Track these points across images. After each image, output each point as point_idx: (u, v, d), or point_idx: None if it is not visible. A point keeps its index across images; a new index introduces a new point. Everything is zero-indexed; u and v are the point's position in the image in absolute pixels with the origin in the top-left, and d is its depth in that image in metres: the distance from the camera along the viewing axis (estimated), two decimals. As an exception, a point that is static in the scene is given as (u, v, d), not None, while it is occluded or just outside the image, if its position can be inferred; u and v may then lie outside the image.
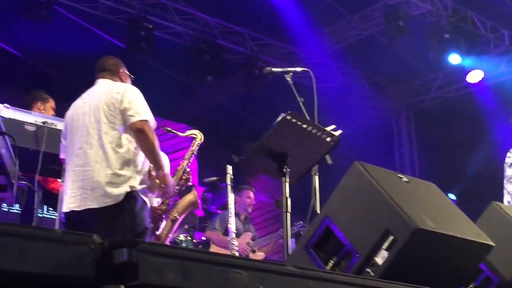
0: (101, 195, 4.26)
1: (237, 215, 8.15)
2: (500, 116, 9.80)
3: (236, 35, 10.98)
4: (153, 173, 4.51)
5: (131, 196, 4.29)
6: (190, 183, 5.33)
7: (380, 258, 2.89)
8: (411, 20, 10.26)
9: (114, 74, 4.79)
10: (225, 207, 8.79)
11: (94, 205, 4.27)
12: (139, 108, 4.42)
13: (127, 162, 4.34)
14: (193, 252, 2.05)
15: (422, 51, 11.00)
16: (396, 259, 2.85)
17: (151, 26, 9.59)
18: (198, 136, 5.32)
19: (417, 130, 13.46)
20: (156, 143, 4.41)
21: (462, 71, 11.38)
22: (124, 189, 4.27)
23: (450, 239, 3.00)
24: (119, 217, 4.27)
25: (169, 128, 5.50)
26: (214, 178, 7.51)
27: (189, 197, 5.43)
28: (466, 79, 11.44)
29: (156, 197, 4.83)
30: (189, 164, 5.22)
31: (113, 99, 4.44)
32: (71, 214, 4.37)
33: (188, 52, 10.32)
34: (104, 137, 4.39)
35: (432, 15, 10.41)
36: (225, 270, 1.86)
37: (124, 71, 4.87)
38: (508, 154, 6.13)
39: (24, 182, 5.11)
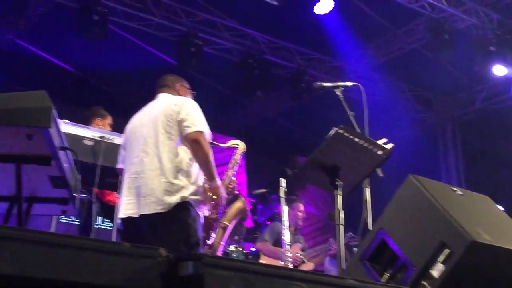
0: (153, 201, 4.37)
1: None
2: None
3: (283, 50, 11.12)
4: (206, 184, 4.59)
5: (183, 206, 4.37)
6: (236, 192, 5.41)
7: (436, 271, 2.93)
8: (456, 33, 10.24)
9: (172, 89, 4.96)
10: (273, 218, 8.92)
11: (146, 211, 4.40)
12: (196, 120, 4.54)
13: (181, 172, 4.43)
14: (256, 265, 2.12)
15: (467, 64, 10.97)
16: (452, 272, 2.89)
17: (200, 43, 9.79)
18: (240, 145, 5.35)
19: (463, 143, 13.36)
20: (210, 154, 4.51)
21: (508, 83, 11.29)
22: (176, 198, 4.36)
23: (506, 252, 3.03)
24: (170, 226, 4.35)
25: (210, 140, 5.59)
26: (263, 190, 7.63)
27: (238, 205, 5.50)
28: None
29: (208, 209, 4.92)
30: (234, 173, 5.28)
31: (171, 110, 4.59)
32: (127, 220, 4.53)
33: (237, 67, 10.48)
34: (161, 146, 4.51)
35: (477, 28, 10.39)
36: (287, 283, 1.92)
37: (182, 85, 5.04)
38: None
39: (85, 195, 5.28)
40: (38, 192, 3.79)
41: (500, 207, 10.36)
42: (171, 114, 4.57)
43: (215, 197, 4.65)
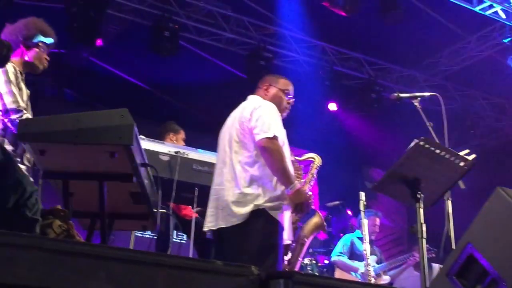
0: (228, 214, 4.34)
1: (361, 239, 8.20)
2: None
3: (352, 60, 11.04)
4: (286, 192, 4.44)
5: (257, 214, 4.29)
6: (312, 207, 5.34)
7: (529, 286, 2.84)
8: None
9: (260, 89, 4.84)
10: (346, 230, 8.86)
11: (222, 224, 4.37)
12: (265, 125, 4.38)
13: (256, 180, 4.34)
14: (344, 282, 2.10)
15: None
16: (546, 286, 2.80)
17: (270, 56, 9.82)
18: (316, 159, 5.28)
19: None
20: (283, 160, 4.34)
21: None
22: (249, 208, 4.29)
23: None
24: (246, 237, 4.30)
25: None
26: (337, 202, 7.58)
27: (315, 220, 5.43)
28: None
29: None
30: (310, 187, 5.23)
31: (243, 117, 4.50)
32: (212, 233, 4.52)
33: (308, 79, 10.46)
34: (235, 156, 4.46)
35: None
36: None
37: (270, 85, 4.83)
38: None
39: (164, 210, 5.35)
40: (119, 208, 3.85)
41: None
42: (243, 121, 4.49)
43: (297, 202, 4.43)
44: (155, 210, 4.05)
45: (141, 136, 5.73)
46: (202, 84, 10.09)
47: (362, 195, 5.87)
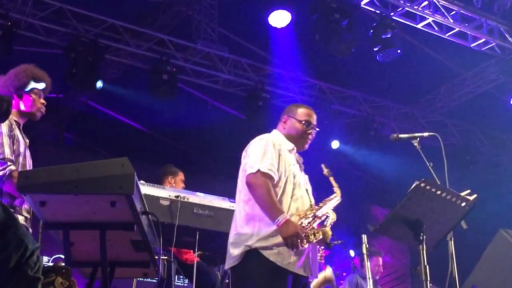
0: (228, 256, 4.29)
1: (364, 279, 8.15)
2: None
3: (350, 98, 11.10)
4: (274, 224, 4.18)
5: (249, 256, 4.17)
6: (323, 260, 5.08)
7: (536, 328, 2.82)
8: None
9: (280, 122, 4.71)
10: (347, 270, 8.81)
11: (226, 266, 4.32)
12: (251, 162, 4.30)
13: (251, 219, 4.24)
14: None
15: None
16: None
17: (268, 96, 9.86)
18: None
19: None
20: (266, 193, 4.16)
21: None
22: (241, 249, 4.19)
23: None
24: (239, 280, 4.25)
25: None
26: (339, 241, 7.50)
27: (326, 273, 5.20)
28: None
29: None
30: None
31: (243, 153, 4.46)
32: None
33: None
34: (239, 195, 4.41)
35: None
36: None
37: (288, 116, 4.64)
38: None
39: (165, 257, 5.31)
40: (120, 256, 3.83)
41: None
42: (243, 159, 4.45)
43: (285, 236, 4.10)
44: (156, 257, 4.03)
45: (141, 181, 5.73)
46: (201, 125, 10.13)
47: (364, 238, 5.82)
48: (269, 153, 4.32)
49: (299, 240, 4.13)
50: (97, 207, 3.25)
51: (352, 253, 8.90)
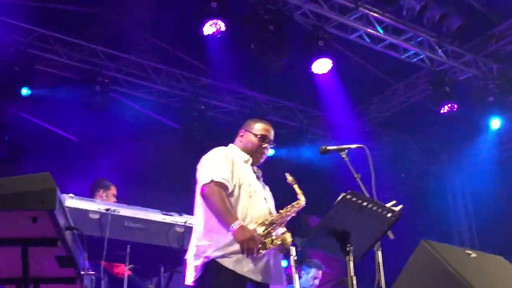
0: (188, 270, 4.30)
1: (306, 290, 8.22)
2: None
3: (286, 109, 11.17)
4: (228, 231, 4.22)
5: (209, 267, 4.22)
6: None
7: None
8: (457, 85, 10.30)
9: (237, 136, 4.86)
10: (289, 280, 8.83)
11: (187, 281, 4.32)
12: (202, 172, 4.39)
13: (209, 231, 4.29)
14: None
15: (470, 114, 10.99)
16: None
17: (203, 107, 9.84)
18: (301, 200, 4.77)
19: (471, 192, 13.29)
20: (218, 201, 4.21)
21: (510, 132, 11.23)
22: (200, 261, 4.23)
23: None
24: None
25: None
26: (300, 247, 7.51)
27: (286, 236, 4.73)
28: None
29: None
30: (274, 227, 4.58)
31: (198, 168, 4.50)
32: None
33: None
34: (196, 209, 4.46)
35: (478, 78, 10.45)
36: None
37: (245, 131, 4.80)
38: None
39: (92, 273, 5.21)
40: (45, 272, 3.75)
41: None
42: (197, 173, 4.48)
43: (240, 241, 4.16)
44: (82, 273, 3.95)
45: (70, 195, 5.63)
46: (136, 136, 10.01)
47: (293, 250, 5.81)
48: (221, 163, 4.41)
49: (254, 246, 4.19)
50: (18, 223, 3.17)
51: (283, 263, 8.91)
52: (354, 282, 3.84)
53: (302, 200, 4.67)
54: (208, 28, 8.26)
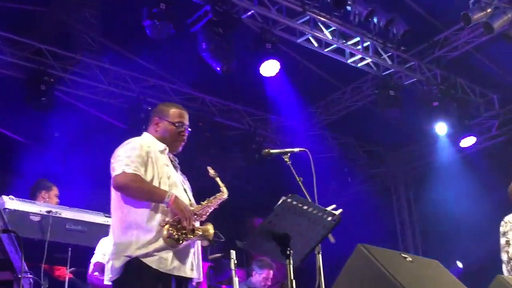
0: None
1: (252, 290, 8.22)
2: (494, 180, 9.98)
3: (233, 112, 11.19)
4: (163, 205, 4.10)
5: (130, 266, 4.02)
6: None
7: None
8: (402, 90, 10.48)
9: (151, 125, 4.54)
10: (230, 281, 8.83)
11: (107, 279, 4.12)
12: (116, 163, 4.13)
13: (127, 228, 4.08)
14: None
15: (415, 119, 11.19)
16: None
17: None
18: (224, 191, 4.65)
19: (415, 196, 13.53)
20: (140, 186, 4.07)
21: (455, 137, 11.47)
22: (121, 260, 4.03)
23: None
24: None
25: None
26: (218, 254, 7.51)
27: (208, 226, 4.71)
28: (460, 144, 11.56)
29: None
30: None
31: (112, 161, 4.23)
32: None
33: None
34: (113, 204, 4.24)
35: (422, 84, 10.65)
36: None
37: (160, 119, 4.47)
38: (502, 223, 6.28)
39: (30, 276, 5.13)
40: (-19, 275, 3.70)
41: (459, 263, 10.41)
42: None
43: (177, 211, 4.07)
44: (20, 276, 3.91)
45: (10, 196, 5.55)
46: (82, 136, 9.89)
47: (233, 253, 5.82)
48: (135, 155, 4.17)
49: (191, 216, 4.12)
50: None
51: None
52: (294, 285, 3.86)
53: (224, 192, 4.59)
54: (155, 29, 8.21)
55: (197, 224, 4.33)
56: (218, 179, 4.66)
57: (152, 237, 4.05)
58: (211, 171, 4.66)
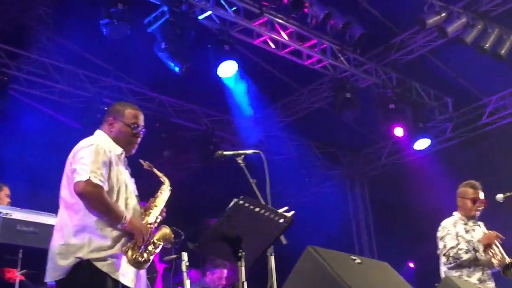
0: (52, 267, 4.05)
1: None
2: (446, 182, 10.13)
3: (190, 112, 11.15)
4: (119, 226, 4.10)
5: (81, 268, 3.98)
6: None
7: None
8: (359, 92, 10.58)
9: (105, 124, 4.46)
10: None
11: (48, 278, 4.08)
12: (81, 168, 4.05)
13: (80, 230, 4.04)
14: None
15: (371, 121, 11.30)
16: None
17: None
18: (166, 182, 4.65)
19: (371, 196, 13.66)
20: (102, 201, 4.04)
21: (410, 139, 11.60)
22: (71, 260, 3.99)
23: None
24: None
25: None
26: (174, 256, 7.49)
27: (164, 230, 4.73)
28: (414, 146, 11.72)
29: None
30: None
31: (70, 158, 4.19)
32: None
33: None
34: (63, 201, 4.18)
35: (378, 87, 10.77)
36: None
37: (114, 119, 4.42)
38: (439, 228, 6.44)
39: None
40: None
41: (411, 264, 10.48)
42: (71, 162, 4.16)
43: (133, 233, 4.10)
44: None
45: (-42, 198, 5.45)
46: (36, 136, 9.75)
47: (184, 255, 5.81)
48: (99, 161, 4.13)
49: (147, 233, 4.17)
50: None
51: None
52: (245, 287, 3.86)
53: (166, 181, 4.57)
54: (112, 29, 8.15)
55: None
56: (155, 170, 4.61)
57: (107, 243, 4.06)
58: (145, 164, 4.59)
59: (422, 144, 11.54)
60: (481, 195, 6.62)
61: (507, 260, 6.18)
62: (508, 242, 6.41)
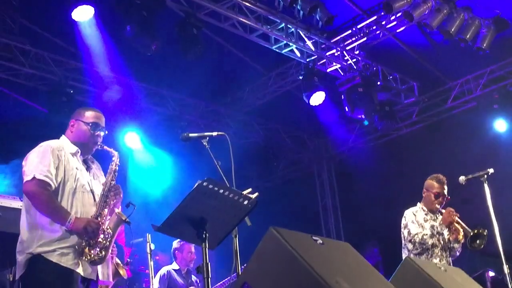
0: (18, 266, 4.25)
1: (178, 271, 8.22)
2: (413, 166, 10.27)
3: (157, 96, 11.10)
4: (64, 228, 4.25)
5: (33, 262, 4.18)
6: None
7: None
8: (326, 76, 10.62)
9: (68, 127, 4.67)
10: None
11: (17, 276, 4.24)
12: (28, 169, 4.28)
13: (32, 228, 4.24)
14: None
15: (339, 105, 11.35)
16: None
17: (72, 91, 9.60)
18: (115, 155, 4.77)
19: (338, 180, 13.76)
20: (46, 200, 4.21)
21: (376, 123, 11.64)
22: (24, 256, 4.19)
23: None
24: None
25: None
26: (140, 239, 7.52)
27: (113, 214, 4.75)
28: (379, 130, 11.86)
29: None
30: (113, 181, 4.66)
31: (23, 162, 4.38)
32: None
33: (111, 115, 10.32)
34: (24, 202, 4.38)
35: (345, 70, 10.81)
36: None
37: (76, 120, 4.64)
38: (403, 217, 6.60)
39: None
40: None
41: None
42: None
43: (81, 230, 4.25)
44: None
45: None
46: (1, 120, 9.65)
47: (149, 237, 5.83)
48: (46, 160, 4.31)
49: (95, 227, 4.29)
50: None
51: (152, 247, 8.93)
52: (209, 268, 3.90)
53: (115, 153, 4.68)
54: (78, 13, 8.14)
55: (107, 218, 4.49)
56: (105, 147, 4.72)
57: (56, 236, 4.22)
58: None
59: (387, 127, 11.59)
60: (445, 191, 6.78)
61: (471, 232, 6.40)
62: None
